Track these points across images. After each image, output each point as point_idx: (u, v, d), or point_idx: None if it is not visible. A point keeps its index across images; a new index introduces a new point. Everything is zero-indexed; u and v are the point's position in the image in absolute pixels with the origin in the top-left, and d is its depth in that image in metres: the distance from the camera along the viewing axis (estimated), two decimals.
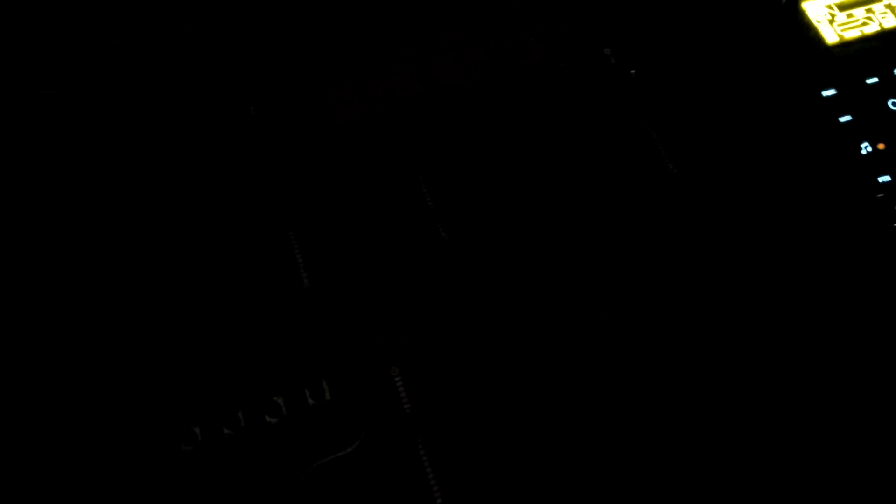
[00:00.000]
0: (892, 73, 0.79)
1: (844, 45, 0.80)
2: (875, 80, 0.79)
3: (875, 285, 0.75)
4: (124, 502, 0.68)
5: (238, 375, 0.72)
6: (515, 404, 0.72)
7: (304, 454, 0.69)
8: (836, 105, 0.78)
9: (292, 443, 0.69)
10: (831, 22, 0.81)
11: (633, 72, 0.86)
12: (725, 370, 0.73)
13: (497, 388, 0.72)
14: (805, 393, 0.72)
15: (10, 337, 0.74)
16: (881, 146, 0.77)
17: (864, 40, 0.81)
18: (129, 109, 0.85)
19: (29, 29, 0.88)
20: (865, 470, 0.68)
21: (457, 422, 0.71)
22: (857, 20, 0.82)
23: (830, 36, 0.81)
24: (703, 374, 0.73)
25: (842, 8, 0.82)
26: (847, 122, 0.77)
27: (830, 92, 0.78)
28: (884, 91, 0.78)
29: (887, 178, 0.76)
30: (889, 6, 0.82)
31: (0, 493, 0.68)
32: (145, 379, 0.72)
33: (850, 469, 0.68)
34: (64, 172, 0.82)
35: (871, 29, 0.81)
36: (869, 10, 0.82)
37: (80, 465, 0.69)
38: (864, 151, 0.76)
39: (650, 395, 0.72)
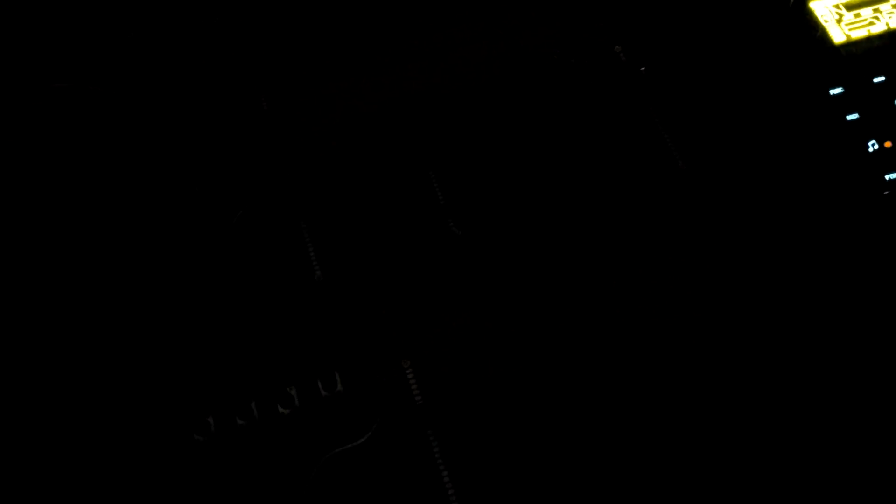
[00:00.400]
0: None
1: (852, 45, 0.81)
2: (882, 78, 0.79)
3: (882, 281, 0.76)
4: (139, 492, 0.69)
5: (251, 367, 0.73)
6: (524, 397, 0.72)
7: (317, 444, 0.69)
8: (844, 103, 0.78)
9: (305, 433, 0.70)
10: (839, 21, 0.82)
11: (643, 69, 0.87)
12: (728, 365, 0.73)
13: (506, 380, 0.73)
14: (811, 386, 0.72)
15: (29, 323, 0.75)
16: (888, 144, 0.77)
17: (872, 39, 0.81)
18: (144, 103, 0.85)
19: (43, 22, 0.89)
20: (865, 470, 0.69)
21: (467, 413, 0.71)
22: (864, 20, 0.82)
23: (838, 35, 0.81)
24: (705, 368, 0.73)
25: (849, 8, 0.83)
26: (854, 120, 0.78)
27: (838, 90, 0.79)
28: (891, 90, 0.79)
29: (894, 175, 0.76)
30: None
31: (15, 480, 0.69)
32: (160, 370, 0.73)
33: (850, 469, 0.69)
34: (78, 165, 0.82)
35: (879, 28, 0.82)
36: (876, 10, 0.83)
37: (94, 454, 0.70)
38: (871, 149, 0.77)
39: (657, 390, 0.72)
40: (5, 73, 0.87)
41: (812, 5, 0.83)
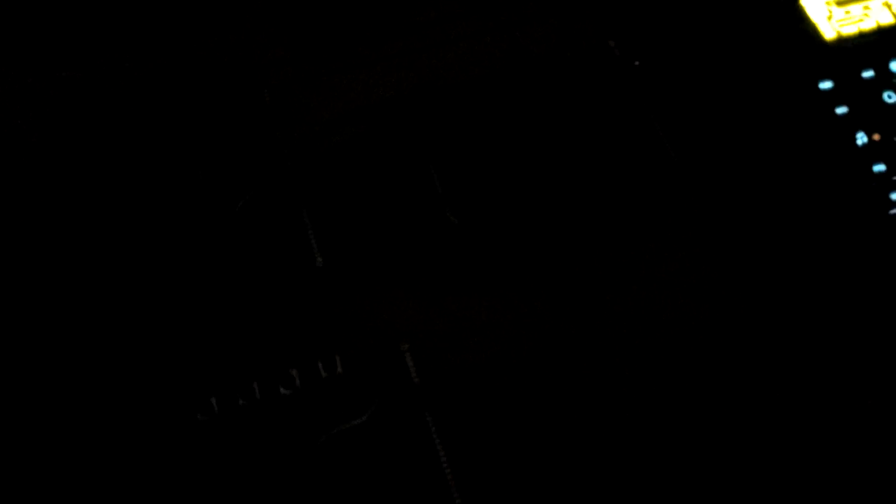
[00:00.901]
0: (888, 67, 0.81)
1: (842, 41, 0.82)
2: (871, 73, 0.81)
3: (871, 271, 0.77)
4: (142, 470, 0.70)
5: (254, 349, 0.74)
6: (519, 380, 0.73)
7: (317, 424, 0.71)
8: (833, 97, 0.80)
9: (305, 413, 0.72)
10: (829, 18, 0.83)
11: (636, 63, 0.88)
12: (723, 357, 0.75)
13: (502, 365, 0.74)
14: (804, 382, 0.73)
15: (32, 311, 0.76)
16: (876, 137, 0.79)
17: (861, 36, 0.83)
18: (149, 93, 0.87)
19: (50, 11, 0.91)
20: (865, 470, 0.70)
21: (463, 395, 0.73)
22: (854, 16, 0.84)
23: (828, 31, 0.83)
24: (697, 358, 0.75)
25: (839, 4, 0.84)
26: (843, 114, 0.79)
27: (827, 85, 0.80)
28: (879, 84, 0.80)
29: (882, 167, 0.78)
30: (886, 3, 0.84)
31: (20, 460, 0.71)
32: (165, 353, 0.74)
33: (850, 469, 0.70)
34: (83, 153, 0.84)
35: (868, 25, 0.83)
36: (866, 7, 0.84)
37: (99, 436, 0.71)
38: (859, 142, 0.79)
39: (651, 379, 0.74)
40: (12, 62, 0.88)
41: (803, 2, 0.84)
